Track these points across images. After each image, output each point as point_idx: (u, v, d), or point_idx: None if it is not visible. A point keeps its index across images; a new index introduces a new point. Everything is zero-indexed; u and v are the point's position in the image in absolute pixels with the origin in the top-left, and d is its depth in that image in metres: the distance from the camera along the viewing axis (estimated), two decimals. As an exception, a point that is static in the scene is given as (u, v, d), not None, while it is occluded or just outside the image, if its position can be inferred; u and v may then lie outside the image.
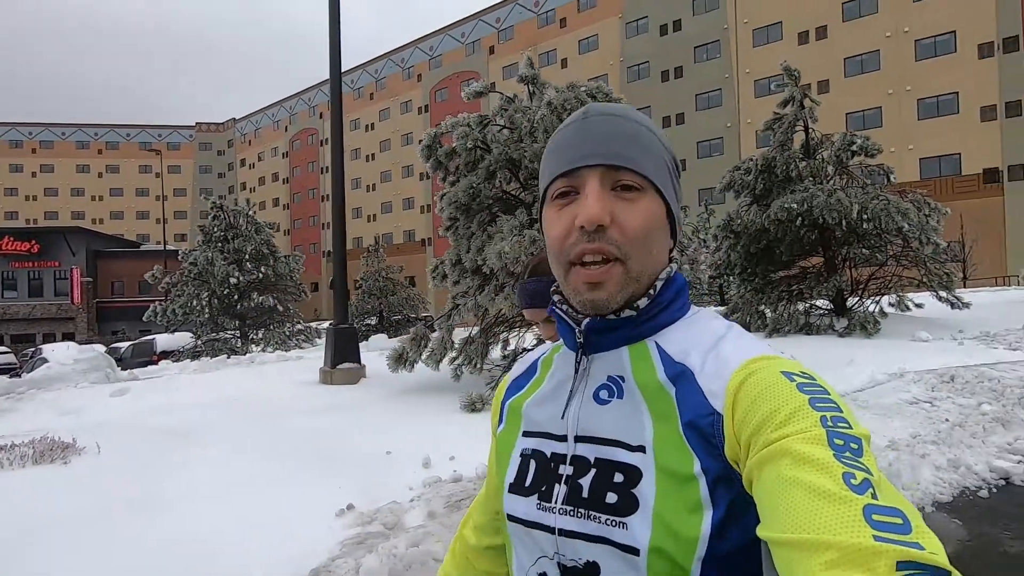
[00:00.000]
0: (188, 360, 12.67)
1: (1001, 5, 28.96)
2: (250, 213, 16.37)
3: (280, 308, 15.82)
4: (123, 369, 11.55)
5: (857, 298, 10.66)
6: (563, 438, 0.66)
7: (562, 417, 0.67)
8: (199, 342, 15.48)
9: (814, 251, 11.15)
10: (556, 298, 0.70)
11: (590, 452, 0.63)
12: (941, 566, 0.38)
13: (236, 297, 15.38)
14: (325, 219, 60.65)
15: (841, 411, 0.50)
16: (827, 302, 10.87)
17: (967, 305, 10.00)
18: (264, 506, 3.43)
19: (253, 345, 15.52)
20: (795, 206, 9.89)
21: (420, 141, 7.75)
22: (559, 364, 0.72)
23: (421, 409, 6.13)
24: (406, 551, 2.53)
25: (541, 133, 6.56)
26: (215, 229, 16.00)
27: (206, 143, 73.16)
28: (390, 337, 13.45)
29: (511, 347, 8.23)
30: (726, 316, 11.79)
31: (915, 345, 8.35)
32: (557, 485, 0.64)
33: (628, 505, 0.58)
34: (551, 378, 0.72)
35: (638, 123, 0.65)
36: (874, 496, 0.43)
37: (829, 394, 0.52)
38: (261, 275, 15.72)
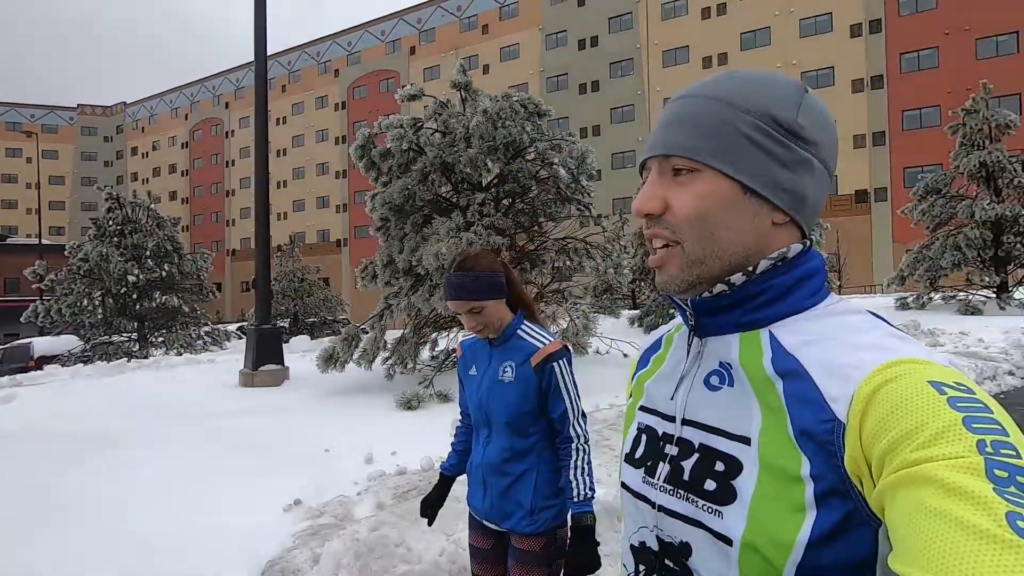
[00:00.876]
0: (81, 365, 11.55)
1: (870, 47, 33.03)
2: (152, 206, 15.20)
3: (186, 309, 14.81)
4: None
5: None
6: (672, 419, 0.66)
7: (671, 398, 0.67)
8: (87, 345, 14.12)
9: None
10: None
11: (695, 437, 0.62)
12: None
13: (135, 297, 14.21)
14: (230, 216, 56.98)
15: (1008, 435, 0.42)
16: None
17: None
18: (206, 505, 3.37)
19: (154, 349, 14.39)
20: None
21: (346, 139, 7.71)
22: (679, 343, 0.72)
23: (355, 409, 6.11)
24: (368, 535, 2.65)
25: (476, 139, 6.77)
26: (110, 223, 14.69)
27: (90, 127, 66.29)
28: (312, 339, 13.03)
29: (440, 347, 8.35)
30: (640, 319, 12.59)
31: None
32: (661, 463, 0.65)
33: (726, 495, 0.57)
34: (671, 356, 0.72)
35: (708, 97, 0.62)
36: None
37: (992, 412, 0.44)
38: (164, 273, 14.63)
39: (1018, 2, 29.90)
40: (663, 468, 0.64)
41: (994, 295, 13.54)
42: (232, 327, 21.40)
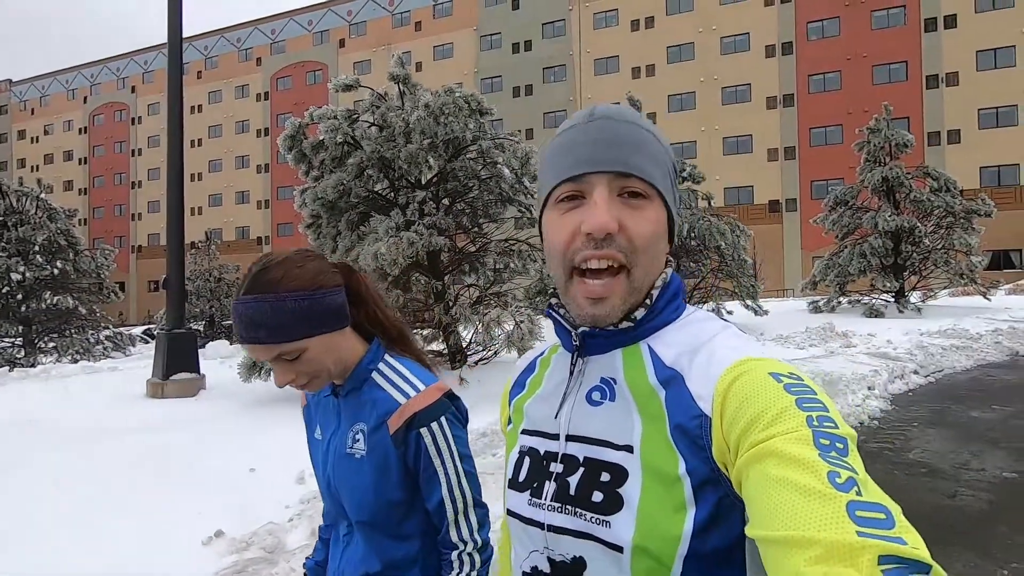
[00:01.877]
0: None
1: (782, 68, 35.42)
2: (42, 196, 13.59)
3: (82, 310, 13.33)
4: None
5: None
6: (556, 437, 0.67)
7: (555, 417, 0.68)
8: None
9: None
10: (554, 301, 0.71)
11: (580, 451, 0.64)
12: (923, 560, 0.40)
13: (20, 297, 12.62)
14: (136, 209, 52.52)
15: (827, 410, 0.51)
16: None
17: (766, 312, 12.02)
18: (103, 544, 2.88)
19: (43, 355, 12.85)
20: (638, 222, 11.04)
21: (268, 132, 7.17)
22: (556, 365, 0.73)
23: (281, 421, 5.62)
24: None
25: (417, 135, 6.47)
26: (-10, 213, 13.00)
27: (-33, 106, 58.98)
28: (232, 343, 12.11)
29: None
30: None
31: (731, 346, 9.80)
32: (547, 482, 0.65)
33: (613, 504, 0.59)
34: (549, 378, 0.73)
35: (645, 129, 0.65)
36: (858, 493, 0.44)
37: (816, 394, 0.53)
38: (56, 271, 13.10)
39: (908, 34, 33.13)
40: (549, 487, 0.65)
41: (893, 299, 14.77)
42: (137, 330, 19.61)
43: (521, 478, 0.69)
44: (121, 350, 14.37)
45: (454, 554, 0.97)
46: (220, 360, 9.71)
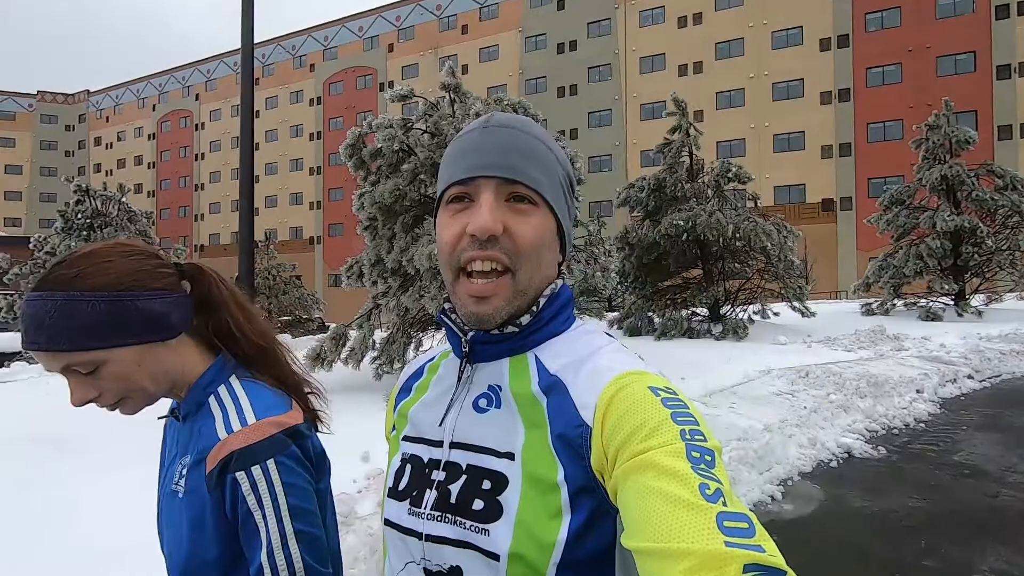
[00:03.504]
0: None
1: (838, 61, 34.19)
2: (124, 200, 14.77)
3: (158, 305, 14.44)
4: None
5: (729, 306, 12.15)
6: (439, 444, 0.67)
7: (440, 424, 0.68)
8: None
9: (695, 264, 12.53)
10: (447, 306, 0.71)
11: (463, 459, 0.64)
12: (779, 567, 0.42)
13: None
14: (198, 210, 55.53)
15: (698, 424, 0.54)
16: (705, 310, 12.26)
17: (814, 314, 11.84)
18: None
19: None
20: (681, 223, 11.09)
21: (321, 135, 7.68)
22: (445, 371, 0.73)
23: (344, 407, 6.07)
24: (378, 529, 2.71)
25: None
26: (78, 215, 14.22)
27: (50, 115, 63.72)
28: (293, 337, 12.88)
29: (424, 347, 8.38)
30: (620, 321, 12.79)
31: (776, 347, 9.77)
32: (428, 491, 0.65)
33: (493, 512, 0.59)
34: (436, 384, 0.73)
35: (537, 138, 0.66)
36: (724, 504, 0.46)
37: (688, 408, 0.55)
38: (135, 269, 14.24)
39: (977, 22, 31.38)
40: (430, 495, 0.64)
41: (952, 302, 14.21)
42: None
43: (401, 487, 0.68)
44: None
45: None
46: (282, 352, 10.38)
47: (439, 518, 0.62)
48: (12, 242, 26.67)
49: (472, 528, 0.60)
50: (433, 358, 0.78)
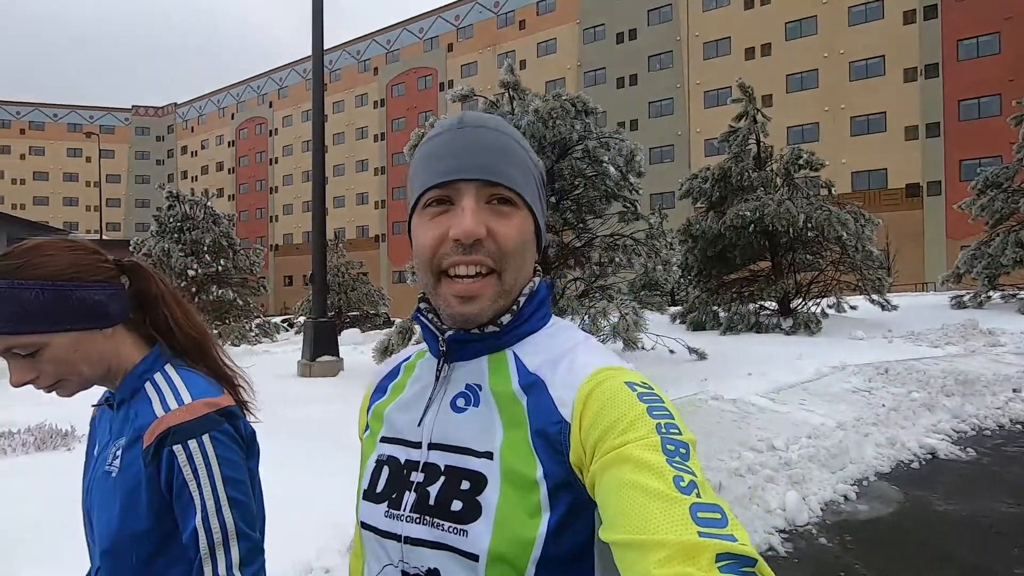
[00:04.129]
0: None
1: (923, 34, 31.63)
2: (208, 204, 15.92)
3: (239, 302, 15.49)
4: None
5: (801, 300, 11.62)
6: (418, 445, 0.66)
7: (419, 424, 0.67)
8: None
9: (763, 256, 12.06)
10: (422, 305, 0.70)
11: (442, 460, 0.63)
12: (749, 555, 0.43)
13: (194, 290, 14.95)
14: (273, 212, 58.76)
15: (673, 418, 0.55)
16: (774, 303, 11.79)
17: (895, 307, 11.12)
18: (296, 489, 3.64)
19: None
20: (748, 214, 10.71)
21: (384, 136, 7.97)
22: (422, 370, 0.72)
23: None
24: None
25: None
26: (170, 219, 15.47)
27: (143, 127, 69.31)
28: (362, 332, 13.46)
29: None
30: (683, 316, 12.52)
31: (852, 343, 9.27)
32: (407, 492, 0.64)
33: (471, 512, 0.59)
34: (413, 384, 0.72)
35: (511, 137, 0.66)
36: (698, 495, 0.47)
37: (664, 403, 0.56)
38: (220, 268, 15.34)
39: (1089, -17, 28.16)
40: (409, 497, 0.64)
41: (1059, 294, 12.94)
42: (276, 320, 22.20)
43: (379, 488, 0.67)
44: (269, 336, 16.48)
45: None
46: (353, 346, 10.92)
47: (418, 520, 0.62)
48: (114, 245, 29.39)
49: (450, 529, 0.60)
50: (409, 357, 0.77)
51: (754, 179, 11.62)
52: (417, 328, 5.42)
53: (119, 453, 0.85)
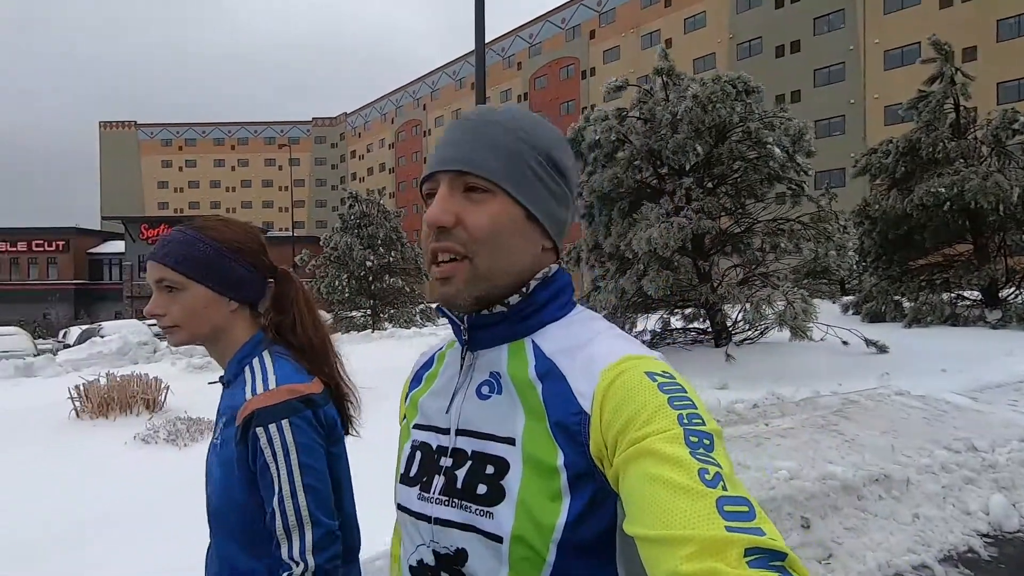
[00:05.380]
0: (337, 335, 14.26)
1: None
2: (381, 202, 17.90)
3: (407, 289, 17.26)
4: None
5: (1014, 289, 9.93)
6: (447, 431, 0.69)
7: (447, 411, 0.70)
8: (332, 320, 17.31)
9: (961, 238, 10.49)
10: None
11: (468, 445, 0.66)
12: (780, 549, 0.43)
13: (371, 279, 16.99)
14: (428, 207, 63.52)
15: (696, 408, 0.54)
16: (977, 292, 10.21)
17: None
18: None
19: (384, 323, 17.09)
20: (943, 190, 9.41)
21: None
22: (451, 359, 0.75)
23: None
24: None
25: (685, 125, 6.88)
26: (351, 217, 17.68)
27: (321, 137, 79.11)
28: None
29: (638, 328, 8.67)
30: (857, 306, 11.40)
31: (1085, 339, 7.77)
32: (437, 476, 0.67)
33: (496, 495, 0.61)
34: (443, 373, 0.75)
35: (500, 125, 0.66)
36: (724, 488, 0.46)
37: (686, 392, 0.55)
38: (391, 259, 17.22)
39: None
40: (438, 481, 0.67)
41: None
42: (434, 305, 24.14)
43: (412, 473, 0.71)
44: (431, 321, 18.14)
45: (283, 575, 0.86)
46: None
47: (447, 502, 0.65)
48: (307, 241, 34.28)
49: (477, 512, 0.62)
50: (442, 347, 0.80)
51: (951, 150, 10.11)
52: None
53: (222, 427, 0.97)
